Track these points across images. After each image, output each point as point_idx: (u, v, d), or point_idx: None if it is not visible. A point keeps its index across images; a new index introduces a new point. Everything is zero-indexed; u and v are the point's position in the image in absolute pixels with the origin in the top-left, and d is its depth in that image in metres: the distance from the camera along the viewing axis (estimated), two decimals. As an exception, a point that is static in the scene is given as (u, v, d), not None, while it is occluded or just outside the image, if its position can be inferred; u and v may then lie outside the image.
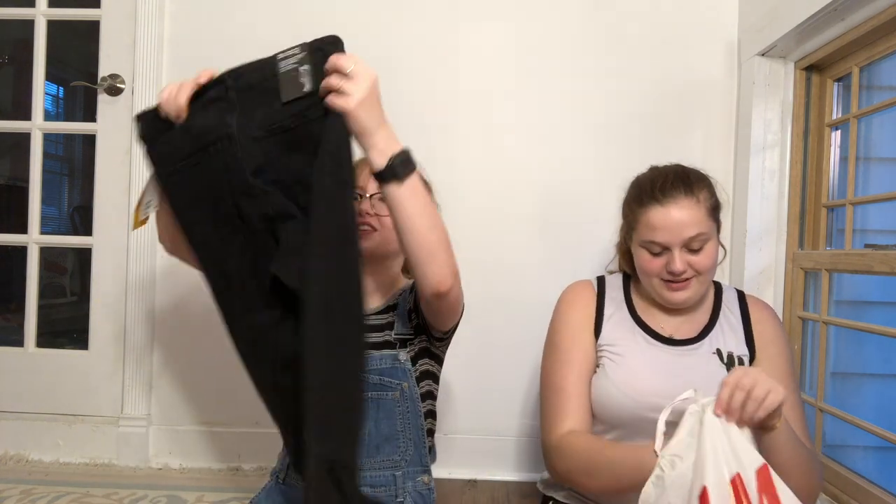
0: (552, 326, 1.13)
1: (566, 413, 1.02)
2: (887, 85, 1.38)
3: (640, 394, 0.98)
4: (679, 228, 0.98)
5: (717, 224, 1.04)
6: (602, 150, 1.60)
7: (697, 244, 0.99)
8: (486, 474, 1.61)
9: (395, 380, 1.04)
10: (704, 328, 1.06)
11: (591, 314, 1.09)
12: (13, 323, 2.12)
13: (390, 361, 1.05)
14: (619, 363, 1.03)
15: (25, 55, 1.74)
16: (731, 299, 1.10)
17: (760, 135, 1.48)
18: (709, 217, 1.00)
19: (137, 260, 1.63)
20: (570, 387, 1.03)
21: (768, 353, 1.03)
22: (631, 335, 1.06)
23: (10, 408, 1.68)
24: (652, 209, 1.00)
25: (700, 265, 0.99)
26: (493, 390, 1.61)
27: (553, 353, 1.09)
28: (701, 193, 1.01)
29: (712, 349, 1.03)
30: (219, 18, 1.65)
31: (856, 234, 1.36)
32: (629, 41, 1.60)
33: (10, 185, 2.69)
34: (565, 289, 1.17)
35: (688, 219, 0.98)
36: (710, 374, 0.98)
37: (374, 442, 1.03)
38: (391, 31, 1.62)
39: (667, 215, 0.98)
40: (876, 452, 1.47)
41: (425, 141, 1.61)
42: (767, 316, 1.07)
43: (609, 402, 1.01)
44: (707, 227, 0.99)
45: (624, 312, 1.09)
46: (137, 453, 1.63)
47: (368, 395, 1.03)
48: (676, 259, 0.98)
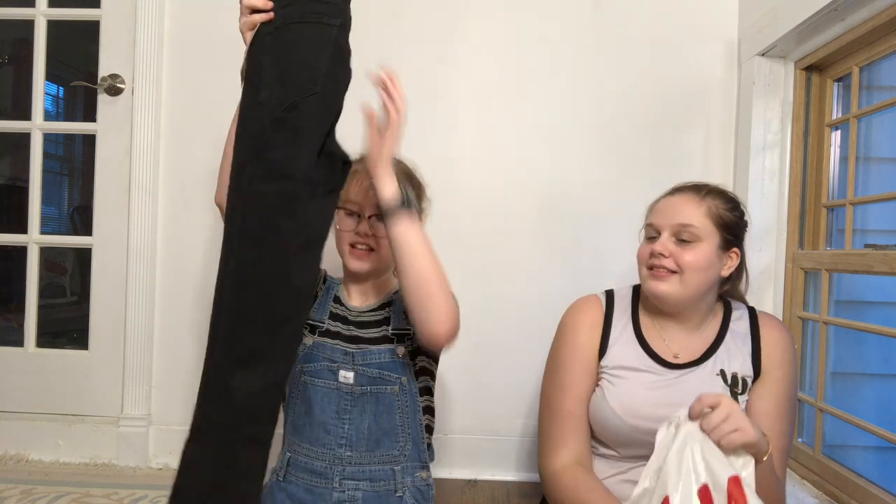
0: (555, 345, 1.11)
1: (563, 440, 1.02)
2: (887, 85, 1.38)
3: (637, 418, 0.98)
4: (673, 212, 1.02)
5: (722, 238, 1.01)
6: (602, 149, 1.60)
7: (687, 236, 0.99)
8: (486, 474, 1.61)
9: (394, 374, 1.05)
10: (710, 348, 1.04)
11: (596, 336, 1.07)
12: (13, 323, 2.12)
13: (389, 355, 1.06)
14: (618, 387, 1.02)
15: (25, 55, 1.74)
16: (741, 317, 1.08)
17: (760, 135, 1.48)
18: (709, 220, 1.00)
19: (137, 260, 1.63)
20: (568, 411, 1.03)
21: (774, 376, 1.01)
22: (635, 359, 1.04)
23: (10, 408, 1.68)
24: (661, 200, 1.07)
25: (682, 259, 0.98)
26: (492, 390, 1.61)
27: (554, 375, 1.08)
28: (710, 198, 1.02)
29: (716, 370, 1.02)
30: (219, 18, 1.65)
31: (856, 234, 1.36)
32: (629, 41, 1.60)
33: (10, 185, 2.69)
34: (571, 305, 1.14)
35: (684, 207, 1.01)
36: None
37: (374, 436, 1.04)
38: (391, 30, 1.62)
39: (668, 201, 1.05)
40: (876, 452, 1.47)
41: (425, 141, 1.62)
42: (779, 338, 1.04)
43: (606, 424, 1.01)
44: (702, 225, 1.00)
45: (630, 333, 1.07)
46: (137, 453, 1.63)
47: (368, 390, 1.04)
48: (661, 241, 1.01)
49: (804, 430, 1.43)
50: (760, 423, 0.95)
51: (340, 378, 1.05)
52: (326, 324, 1.10)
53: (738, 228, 1.04)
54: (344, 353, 1.06)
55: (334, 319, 1.11)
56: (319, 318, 1.11)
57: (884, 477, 1.20)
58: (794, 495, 1.28)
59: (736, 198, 1.07)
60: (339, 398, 1.04)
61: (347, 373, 1.05)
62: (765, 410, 0.98)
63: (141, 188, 1.63)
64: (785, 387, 1.00)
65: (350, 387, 1.04)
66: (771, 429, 0.95)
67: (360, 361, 1.05)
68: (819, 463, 1.32)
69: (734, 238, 1.03)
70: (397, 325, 1.09)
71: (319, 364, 1.06)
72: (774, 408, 0.98)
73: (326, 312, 1.12)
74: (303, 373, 1.07)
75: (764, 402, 0.99)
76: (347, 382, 1.04)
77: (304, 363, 1.07)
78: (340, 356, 1.06)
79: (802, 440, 1.43)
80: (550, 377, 1.09)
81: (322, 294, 1.15)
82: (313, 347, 1.08)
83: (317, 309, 1.12)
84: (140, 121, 1.63)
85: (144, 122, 1.63)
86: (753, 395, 1.00)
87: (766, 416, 0.97)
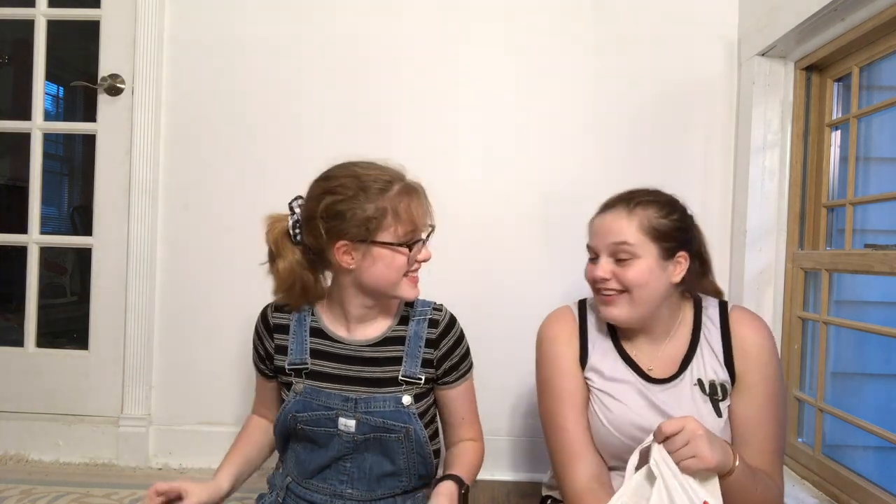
0: (540, 364, 1.09)
1: (576, 457, 1.00)
2: (887, 85, 1.38)
3: (627, 432, 0.98)
4: (605, 232, 0.99)
5: (661, 248, 0.97)
6: (602, 149, 1.60)
7: (623, 255, 0.97)
8: (485, 474, 1.60)
9: (399, 423, 0.98)
10: (684, 359, 1.01)
11: (575, 346, 1.06)
12: (13, 323, 2.12)
13: (393, 404, 0.99)
14: (608, 405, 1.00)
15: (25, 55, 1.74)
16: (713, 318, 1.04)
17: (760, 135, 1.48)
18: (641, 233, 0.97)
19: (137, 260, 1.63)
20: (571, 426, 1.02)
21: (750, 380, 0.97)
22: (617, 369, 1.03)
23: (10, 408, 1.68)
24: (596, 217, 1.04)
25: (624, 278, 0.96)
26: (492, 390, 1.60)
27: (548, 393, 1.06)
28: (640, 209, 0.98)
29: (693, 381, 1.00)
30: (219, 18, 1.65)
31: (856, 234, 1.36)
32: (629, 41, 1.60)
33: (10, 185, 2.70)
34: (544, 321, 1.11)
35: (614, 226, 0.98)
36: (694, 407, 0.97)
37: (376, 475, 1.00)
38: (392, 31, 1.63)
39: (601, 220, 1.02)
40: (876, 452, 1.47)
41: (426, 141, 1.62)
42: (752, 334, 1.00)
43: (600, 440, 1.01)
44: (637, 241, 0.96)
45: (607, 341, 1.06)
46: (137, 453, 1.63)
47: (371, 437, 0.98)
48: (599, 266, 0.99)
49: (804, 430, 1.43)
50: (745, 430, 0.96)
51: (341, 426, 0.98)
52: (310, 364, 1.01)
53: (678, 232, 0.99)
54: (344, 400, 0.98)
55: (319, 357, 1.02)
56: (300, 360, 1.02)
57: (884, 477, 1.20)
58: (794, 495, 1.28)
59: (671, 199, 1.02)
60: (339, 443, 0.99)
61: (348, 421, 0.98)
62: (746, 417, 0.96)
63: (141, 188, 1.63)
64: (765, 389, 0.97)
65: (352, 435, 0.98)
66: (755, 434, 0.95)
67: (362, 409, 0.98)
68: (819, 463, 1.32)
69: (676, 244, 0.98)
70: (411, 371, 1.01)
71: (315, 413, 0.99)
72: (756, 414, 0.96)
73: (306, 350, 1.02)
74: (297, 421, 0.99)
75: (744, 409, 0.97)
76: (349, 431, 0.98)
77: (298, 412, 0.99)
78: (339, 402, 0.98)
79: (802, 440, 1.43)
80: (546, 394, 1.06)
81: (294, 330, 1.04)
82: (305, 394, 0.99)
83: (292, 350, 1.02)
84: (140, 121, 1.63)
85: (144, 122, 1.63)
86: (734, 403, 0.98)
87: (748, 423, 0.96)
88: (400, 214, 0.95)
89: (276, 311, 1.06)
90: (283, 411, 1.01)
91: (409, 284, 1.00)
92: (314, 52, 1.63)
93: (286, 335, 1.04)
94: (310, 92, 1.63)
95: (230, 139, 1.64)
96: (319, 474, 1.01)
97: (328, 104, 1.63)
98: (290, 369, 1.02)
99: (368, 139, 1.60)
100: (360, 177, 0.96)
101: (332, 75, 1.63)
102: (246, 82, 1.64)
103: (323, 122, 1.63)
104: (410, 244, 0.97)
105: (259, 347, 1.07)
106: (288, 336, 1.04)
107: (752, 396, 0.97)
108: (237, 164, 1.64)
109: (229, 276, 1.63)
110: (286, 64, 1.64)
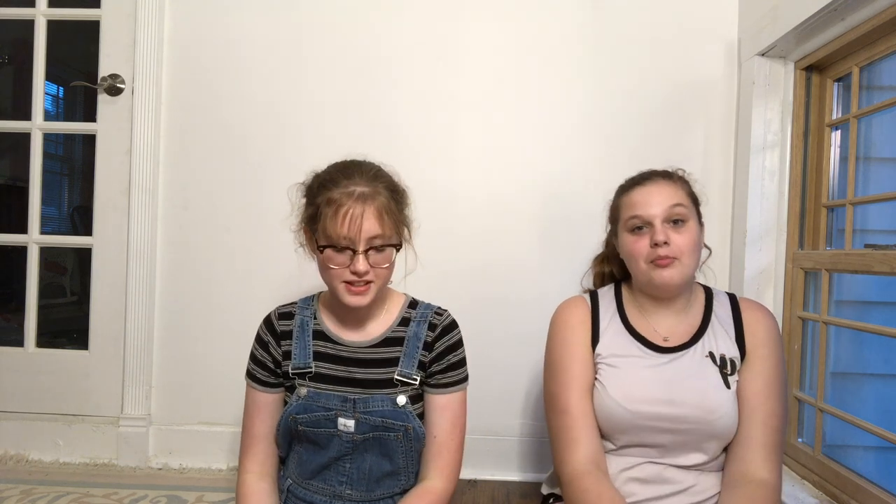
0: (550, 345, 1.12)
1: (576, 439, 1.02)
2: (887, 85, 1.38)
3: (636, 404, 0.99)
4: (660, 199, 1.03)
5: (699, 213, 1.07)
6: (602, 149, 1.60)
7: (678, 216, 1.02)
8: (486, 474, 1.61)
9: (398, 421, 0.99)
10: (697, 331, 1.07)
11: (587, 329, 1.09)
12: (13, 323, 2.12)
13: (390, 405, 1.00)
14: (614, 376, 1.03)
15: (25, 55, 1.74)
16: (723, 302, 1.10)
17: (760, 135, 1.48)
18: (689, 197, 1.06)
19: (137, 260, 1.63)
20: (574, 408, 1.03)
21: (759, 354, 1.03)
22: (626, 345, 1.06)
23: (10, 408, 1.68)
24: (634, 191, 1.08)
25: (681, 242, 1.01)
26: (492, 390, 1.61)
27: (554, 375, 1.08)
28: (679, 181, 1.07)
29: (705, 352, 1.04)
30: (219, 18, 1.65)
31: (856, 234, 1.36)
32: (629, 41, 1.60)
33: (10, 185, 2.70)
34: (558, 307, 1.15)
35: (667, 192, 1.04)
36: (704, 377, 1.00)
37: (375, 476, 1.01)
38: (392, 31, 1.63)
39: (647, 191, 1.06)
40: (876, 452, 1.47)
41: (426, 141, 1.62)
42: (760, 317, 1.06)
43: (608, 415, 1.02)
44: (688, 203, 1.04)
45: (618, 323, 1.10)
46: (137, 453, 1.63)
47: (371, 436, 0.99)
48: (658, 230, 1.01)
49: (804, 430, 1.43)
50: (754, 401, 0.99)
51: (340, 426, 0.99)
52: (314, 367, 1.02)
53: (700, 202, 1.10)
54: (343, 400, 0.99)
55: (322, 360, 1.02)
56: (304, 363, 1.02)
57: (884, 477, 1.20)
58: (794, 495, 1.28)
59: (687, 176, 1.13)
60: (339, 443, 1.00)
61: (347, 421, 0.98)
62: (754, 390, 1.00)
63: (141, 188, 1.63)
64: (772, 364, 1.02)
65: (351, 435, 0.99)
66: (762, 408, 0.98)
67: (361, 409, 0.99)
68: (819, 463, 1.32)
69: (699, 208, 1.09)
70: (406, 371, 1.02)
71: (315, 415, 0.99)
72: (763, 387, 1.00)
73: (309, 354, 1.02)
74: (297, 423, 1.00)
75: (753, 382, 1.01)
76: (348, 431, 0.99)
77: (298, 414, 1.00)
78: (338, 403, 0.99)
79: (802, 440, 1.43)
80: (551, 377, 1.09)
81: (297, 335, 1.04)
82: (308, 398, 1.00)
83: (296, 354, 1.03)
84: (140, 121, 1.63)
85: (144, 122, 1.63)
86: (742, 377, 1.02)
87: (756, 396, 1.00)
88: (325, 222, 0.92)
89: (280, 318, 1.06)
90: (283, 414, 1.02)
91: (346, 292, 0.95)
92: (314, 52, 1.63)
93: (290, 340, 1.04)
94: (310, 92, 1.63)
95: (230, 139, 1.64)
96: (319, 475, 1.02)
97: (328, 104, 1.63)
98: (294, 373, 1.02)
99: (368, 139, 1.60)
100: (321, 174, 0.99)
101: (331, 75, 1.63)
102: (246, 82, 1.64)
103: (322, 122, 1.63)
104: (341, 248, 0.92)
105: (265, 356, 1.05)
106: (291, 341, 1.04)
107: (760, 370, 1.02)
108: (237, 163, 1.64)
109: (229, 275, 1.63)
110: (286, 64, 1.64)
